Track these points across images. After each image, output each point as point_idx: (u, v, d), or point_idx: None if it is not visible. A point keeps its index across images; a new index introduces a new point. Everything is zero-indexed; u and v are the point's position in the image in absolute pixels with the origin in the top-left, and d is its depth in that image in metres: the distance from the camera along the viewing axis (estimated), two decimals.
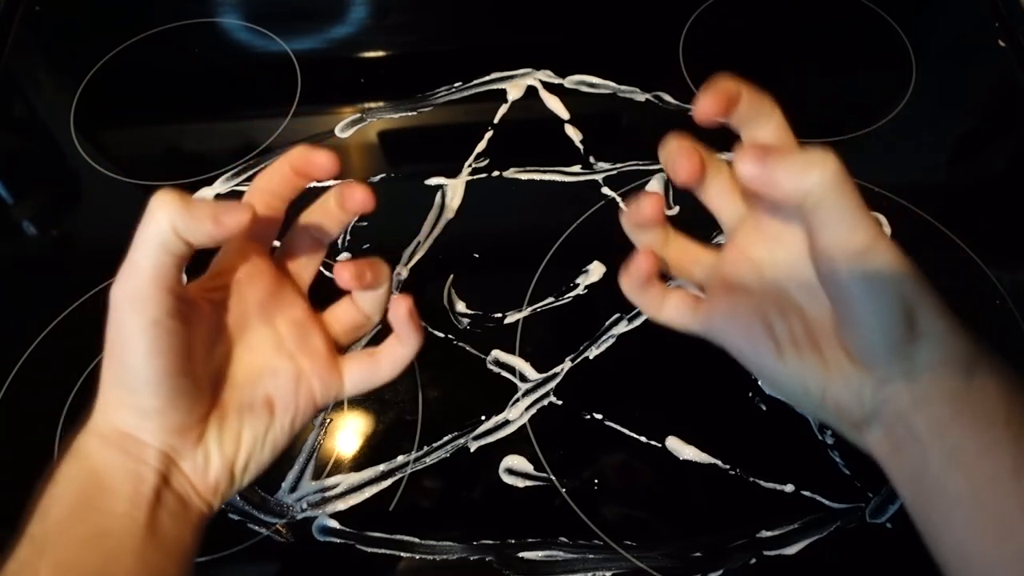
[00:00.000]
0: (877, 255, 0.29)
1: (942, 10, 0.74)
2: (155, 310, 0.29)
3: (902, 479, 0.32)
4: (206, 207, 0.29)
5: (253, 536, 0.48)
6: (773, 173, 0.28)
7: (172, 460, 0.32)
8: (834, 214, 0.28)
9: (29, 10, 0.74)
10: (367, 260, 0.35)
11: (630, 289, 0.37)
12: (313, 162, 0.34)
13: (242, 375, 0.35)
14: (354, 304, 0.37)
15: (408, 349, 0.37)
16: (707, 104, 0.32)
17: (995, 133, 0.66)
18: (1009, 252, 0.58)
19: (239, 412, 0.34)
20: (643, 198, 0.35)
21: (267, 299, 0.35)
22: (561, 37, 0.73)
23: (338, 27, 0.73)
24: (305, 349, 0.36)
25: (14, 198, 0.66)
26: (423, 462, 0.51)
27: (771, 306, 0.34)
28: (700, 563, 0.47)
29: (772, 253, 0.34)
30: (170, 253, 0.29)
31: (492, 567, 0.47)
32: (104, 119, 0.69)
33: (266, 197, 0.35)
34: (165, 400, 0.31)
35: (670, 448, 0.50)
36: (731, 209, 0.36)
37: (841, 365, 0.32)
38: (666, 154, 0.34)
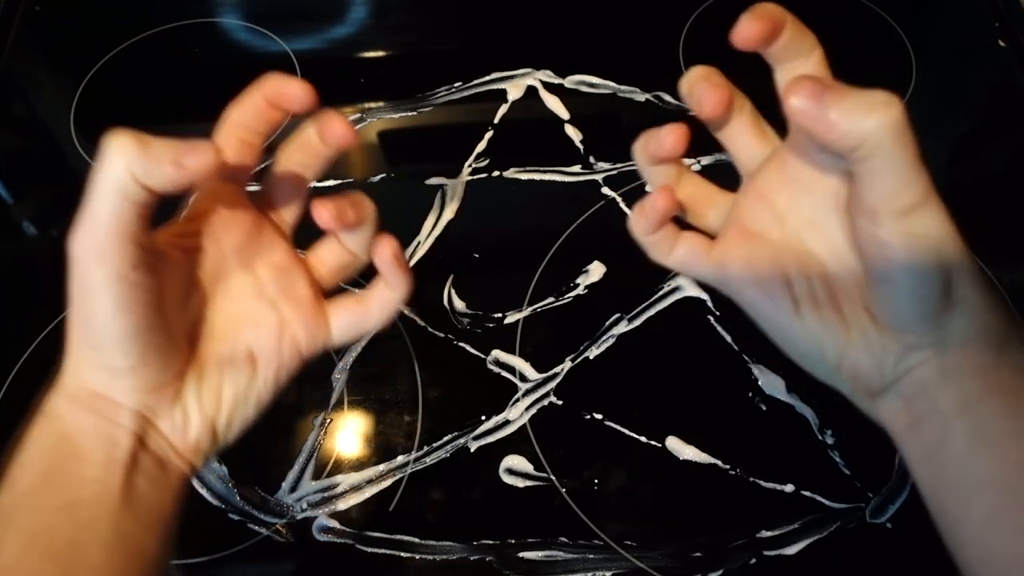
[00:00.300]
0: (925, 215, 0.26)
1: (942, 10, 0.74)
2: (119, 263, 0.27)
3: (918, 457, 0.29)
4: (166, 148, 0.27)
5: (253, 536, 0.48)
6: (829, 111, 0.26)
7: (148, 420, 0.30)
8: (889, 166, 0.26)
9: (29, 10, 0.74)
10: (348, 196, 0.33)
11: (641, 229, 0.34)
12: (288, 93, 0.31)
13: (221, 326, 0.32)
14: (339, 243, 0.35)
15: (397, 293, 0.34)
16: (749, 27, 0.29)
17: (995, 133, 0.66)
18: (1009, 252, 0.58)
19: (219, 366, 0.32)
20: (668, 129, 0.32)
21: (245, 243, 0.33)
22: (561, 37, 0.73)
23: (338, 27, 0.73)
24: (288, 295, 0.34)
25: (14, 198, 0.66)
26: (423, 462, 0.51)
27: (790, 258, 0.31)
28: (700, 563, 0.47)
29: (796, 200, 0.31)
30: (130, 201, 0.27)
31: (492, 567, 0.47)
32: (104, 119, 0.69)
33: (239, 132, 0.32)
34: (137, 357, 0.28)
35: (670, 448, 0.50)
36: (753, 150, 0.33)
37: (863, 328, 0.29)
38: (690, 84, 0.32)
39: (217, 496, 0.49)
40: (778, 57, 0.31)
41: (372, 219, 0.33)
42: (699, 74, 0.32)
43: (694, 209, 0.35)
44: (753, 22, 0.29)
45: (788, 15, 0.30)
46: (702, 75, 0.32)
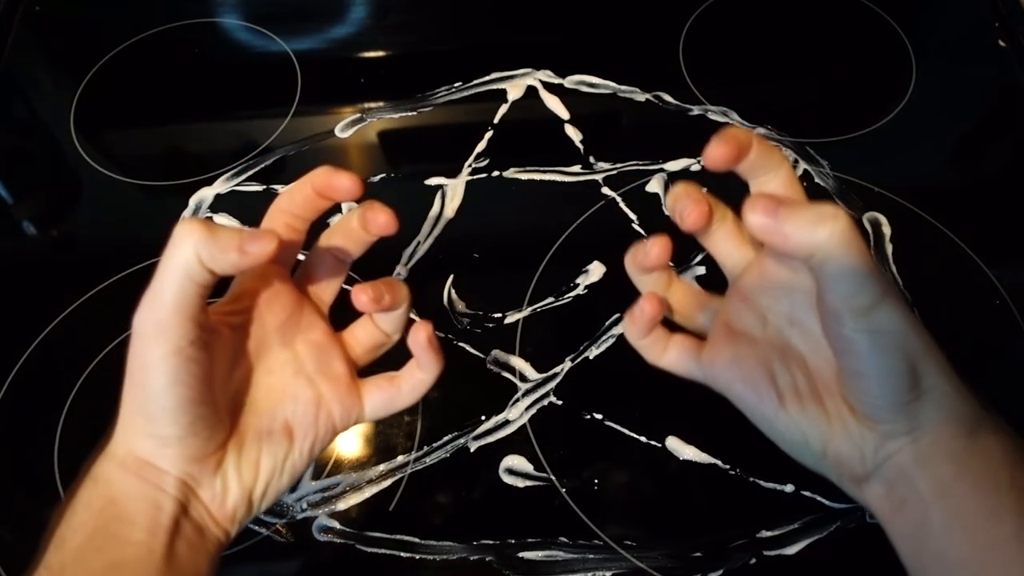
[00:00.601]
0: (884, 313, 0.28)
1: (942, 10, 0.74)
2: (178, 339, 0.29)
3: (901, 537, 0.32)
4: (232, 236, 0.29)
5: (253, 536, 0.48)
6: (783, 226, 0.28)
7: (190, 488, 0.32)
8: (842, 271, 0.28)
9: (29, 10, 0.74)
10: (385, 281, 0.35)
11: (634, 334, 0.36)
12: (336, 185, 0.33)
13: (261, 400, 0.34)
14: (373, 323, 0.37)
15: (429, 375, 0.37)
16: (717, 151, 0.31)
17: (995, 133, 0.66)
18: (1009, 252, 0.58)
19: (258, 439, 0.33)
20: (650, 241, 0.35)
21: (287, 322, 0.35)
22: (561, 37, 0.73)
23: (338, 27, 0.73)
24: (325, 373, 0.36)
25: (14, 198, 0.66)
26: (423, 462, 0.51)
27: (774, 355, 0.34)
28: (700, 563, 0.47)
29: (776, 301, 0.34)
30: (194, 282, 0.29)
31: (492, 567, 0.47)
32: (104, 119, 0.69)
33: (286, 218, 0.34)
34: (185, 428, 0.30)
35: (670, 448, 0.50)
36: (735, 256, 0.36)
37: (844, 418, 0.32)
38: (673, 199, 0.34)
39: None
40: (748, 173, 0.33)
41: (407, 302, 0.36)
42: (681, 191, 0.34)
43: (684, 312, 0.38)
44: (720, 145, 0.32)
45: (754, 136, 0.32)
46: (683, 192, 0.34)
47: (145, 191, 0.64)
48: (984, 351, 0.54)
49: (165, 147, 0.67)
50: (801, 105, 0.68)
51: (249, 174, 0.64)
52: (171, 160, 0.66)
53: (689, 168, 0.62)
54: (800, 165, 0.62)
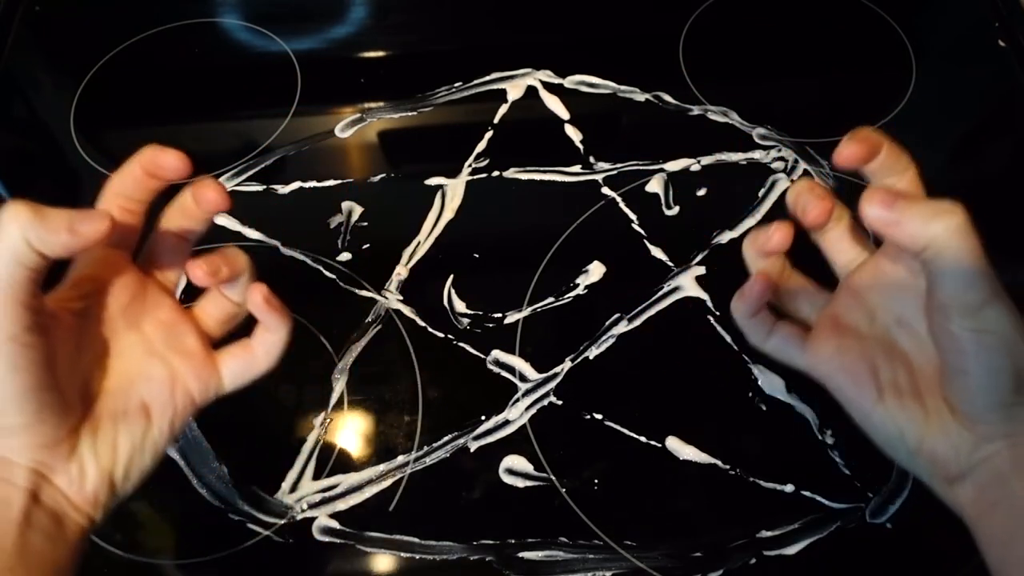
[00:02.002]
0: (993, 312, 0.29)
1: (942, 10, 0.74)
2: (12, 326, 0.28)
3: (991, 542, 0.32)
4: (61, 217, 0.28)
5: (253, 536, 0.48)
6: (899, 218, 0.29)
7: (43, 476, 0.31)
8: (954, 267, 0.29)
9: (29, 10, 0.74)
10: (220, 252, 0.35)
11: (741, 313, 0.37)
12: (162, 163, 0.33)
13: (113, 383, 0.34)
14: (222, 295, 0.37)
15: (278, 334, 0.36)
16: (849, 151, 0.33)
17: (995, 133, 0.66)
18: (1009, 252, 0.58)
19: (113, 420, 0.33)
20: (775, 227, 0.35)
21: (131, 303, 0.35)
22: (561, 37, 0.73)
23: (338, 27, 0.73)
24: (177, 349, 0.36)
25: (14, 198, 0.66)
26: (423, 462, 0.51)
27: (878, 350, 0.34)
28: (700, 563, 0.47)
29: (888, 300, 0.35)
30: (24, 267, 0.28)
31: (492, 567, 0.47)
32: (104, 119, 0.69)
33: (120, 201, 0.34)
34: (30, 415, 0.30)
35: (670, 448, 0.50)
36: (849, 255, 0.37)
37: (942, 417, 0.32)
38: (796, 195, 0.35)
39: (217, 496, 0.49)
40: (876, 174, 0.34)
41: (248, 270, 0.36)
42: (804, 186, 0.35)
43: (790, 301, 0.38)
44: (853, 145, 0.33)
45: (885, 139, 0.33)
46: (807, 187, 0.35)
47: None
48: None
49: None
50: (801, 105, 0.68)
51: (249, 174, 0.64)
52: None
53: (689, 168, 0.62)
54: (800, 165, 0.62)
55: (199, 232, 0.36)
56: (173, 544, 0.48)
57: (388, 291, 0.57)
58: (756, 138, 0.64)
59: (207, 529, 0.48)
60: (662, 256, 0.58)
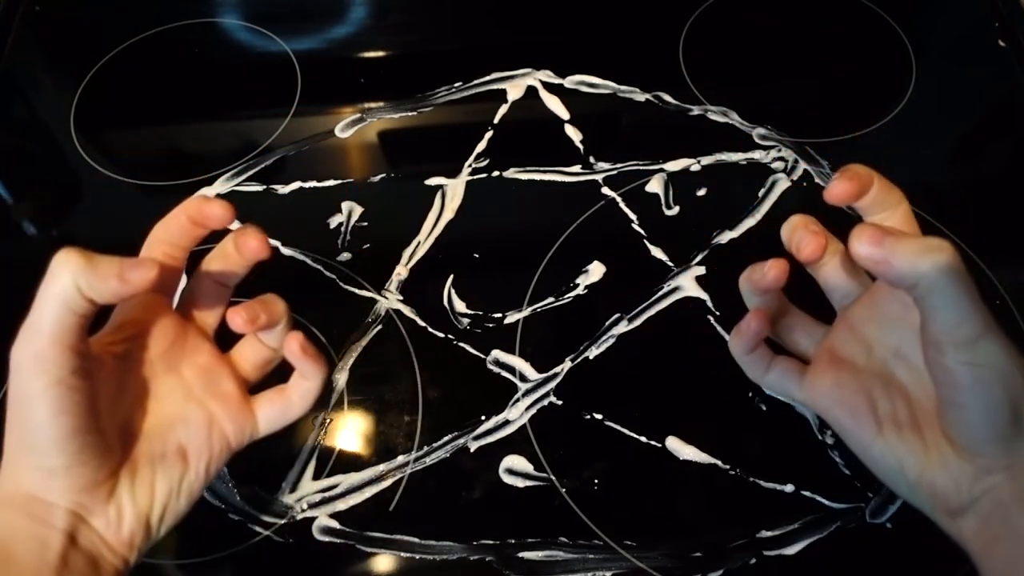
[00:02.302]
0: (987, 346, 0.29)
1: (942, 10, 0.74)
2: (58, 370, 0.29)
3: (993, 573, 0.32)
4: (111, 264, 0.29)
5: (253, 536, 0.48)
6: (888, 255, 0.29)
7: (81, 518, 0.31)
8: (945, 302, 0.28)
9: (29, 10, 0.74)
10: (260, 300, 0.36)
11: (739, 350, 0.37)
12: (208, 213, 0.34)
13: (152, 426, 0.34)
14: (258, 340, 0.38)
15: (314, 381, 0.38)
16: (841, 187, 0.32)
17: (995, 133, 0.66)
18: (1009, 252, 0.58)
19: (151, 463, 0.34)
20: (771, 265, 0.35)
21: (171, 348, 0.35)
22: (561, 37, 0.73)
23: (338, 27, 0.73)
24: (214, 394, 0.36)
25: (14, 198, 0.66)
26: (423, 462, 0.51)
27: (876, 383, 0.34)
28: (700, 563, 0.47)
29: (885, 333, 0.35)
30: (73, 312, 0.29)
31: (492, 567, 0.47)
32: (104, 119, 0.69)
33: (164, 248, 0.34)
34: (71, 458, 0.30)
35: (670, 448, 0.50)
36: (845, 288, 0.37)
37: (941, 450, 0.32)
38: (790, 231, 0.35)
39: (217, 496, 0.49)
40: (867, 209, 0.34)
41: (285, 316, 0.37)
42: (798, 223, 0.35)
43: (787, 335, 0.39)
44: (844, 182, 0.33)
45: (875, 174, 0.33)
46: (801, 224, 0.35)
47: (145, 191, 0.64)
48: None
49: (165, 147, 0.67)
50: (801, 105, 0.68)
51: (249, 174, 0.64)
52: (171, 160, 0.66)
53: (689, 168, 0.62)
54: (800, 165, 0.62)
55: (239, 278, 0.37)
56: (173, 544, 0.48)
57: (388, 291, 0.57)
58: (756, 138, 0.64)
59: (207, 529, 0.48)
60: (662, 256, 0.58)
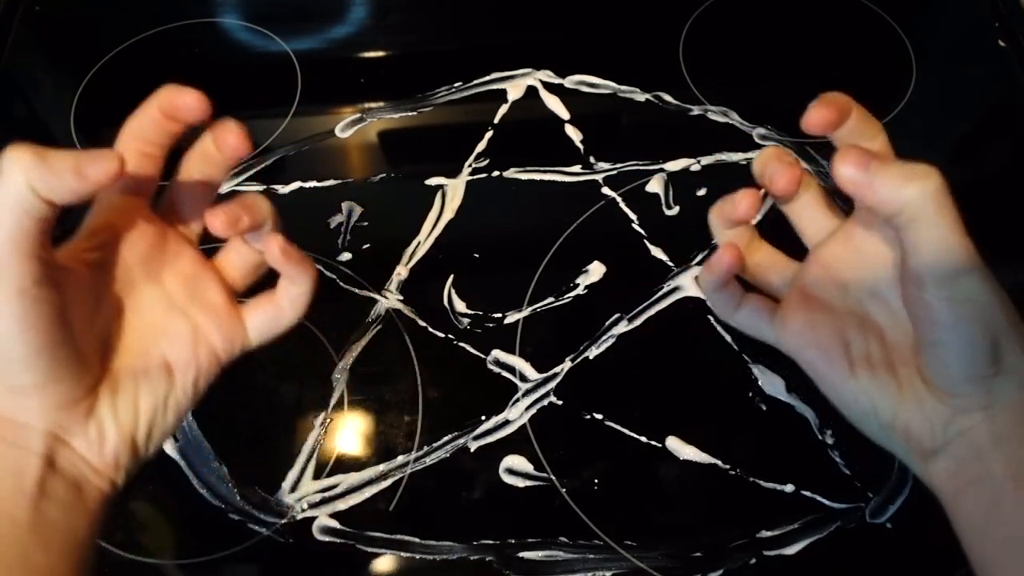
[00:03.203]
0: (969, 281, 0.28)
1: (942, 10, 0.74)
2: (20, 279, 0.26)
3: (967, 520, 0.30)
4: (67, 159, 0.26)
5: (253, 536, 0.48)
6: (872, 179, 0.28)
7: (60, 439, 0.29)
8: (928, 232, 0.28)
9: (29, 10, 0.74)
10: (240, 200, 0.33)
11: (709, 285, 0.36)
12: (180, 103, 0.32)
13: (133, 339, 0.32)
14: (245, 244, 0.35)
15: (302, 286, 0.34)
16: (819, 115, 0.31)
17: (995, 133, 0.66)
18: (1009, 252, 0.58)
19: (133, 378, 0.31)
20: (741, 194, 0.34)
21: (150, 254, 0.33)
22: (561, 37, 0.73)
23: (338, 27, 0.73)
24: (199, 303, 0.33)
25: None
26: (423, 462, 0.51)
27: (850, 323, 0.33)
28: (700, 563, 0.47)
29: (859, 271, 0.33)
30: (30, 216, 0.26)
31: (492, 567, 0.47)
32: (104, 119, 0.69)
33: (138, 144, 0.32)
34: (44, 374, 0.28)
35: (670, 448, 0.50)
36: (817, 224, 0.36)
37: (916, 390, 0.31)
38: (762, 164, 0.34)
39: (217, 496, 0.49)
40: (844, 140, 0.33)
41: (270, 218, 0.34)
42: (771, 154, 0.34)
43: (759, 272, 0.37)
44: (821, 109, 0.32)
45: (853, 103, 0.32)
46: (774, 155, 0.34)
47: None
48: None
49: None
50: (801, 105, 0.68)
51: (249, 174, 0.64)
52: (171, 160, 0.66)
53: (689, 168, 0.62)
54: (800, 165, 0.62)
55: (222, 178, 0.35)
56: (173, 544, 0.48)
57: (388, 291, 0.57)
58: (756, 138, 0.64)
59: (207, 529, 0.48)
60: (662, 256, 0.58)
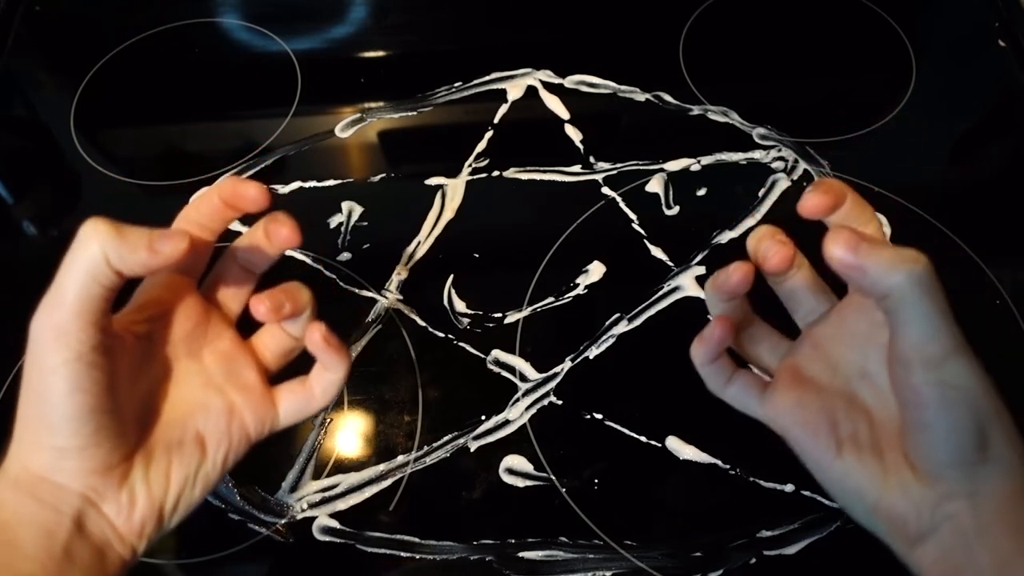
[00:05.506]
0: (956, 366, 0.28)
1: (942, 10, 0.74)
2: (79, 344, 0.28)
3: None
4: (141, 235, 0.28)
5: (253, 536, 0.48)
6: (862, 262, 0.28)
7: (91, 503, 0.30)
8: (916, 316, 0.28)
9: (29, 10, 0.74)
10: (284, 288, 0.34)
11: (700, 357, 0.36)
12: (242, 195, 0.33)
13: (170, 412, 0.33)
14: (281, 329, 0.36)
15: (336, 374, 0.36)
16: (814, 200, 0.32)
17: (995, 133, 0.66)
18: (1009, 252, 0.58)
19: (167, 450, 0.32)
20: (734, 267, 0.34)
21: (193, 332, 0.34)
22: (561, 37, 0.73)
23: (338, 27, 0.73)
24: (235, 382, 0.35)
25: (14, 198, 0.66)
26: (423, 462, 0.51)
27: (839, 404, 0.33)
28: (700, 563, 0.47)
29: (850, 352, 0.34)
30: (99, 284, 0.28)
31: (492, 567, 0.47)
32: (104, 119, 0.69)
33: (194, 229, 0.33)
34: (86, 438, 0.29)
35: (670, 448, 0.50)
36: (809, 304, 0.36)
37: (902, 474, 0.31)
38: (756, 241, 0.34)
39: (217, 496, 0.49)
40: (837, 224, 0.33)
41: (310, 306, 0.35)
42: (765, 233, 0.34)
43: (750, 347, 0.38)
44: (816, 195, 0.32)
45: (849, 189, 0.32)
46: (767, 234, 0.34)
47: (145, 191, 0.64)
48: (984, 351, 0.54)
49: (165, 147, 0.67)
50: (801, 105, 0.68)
51: (249, 174, 0.64)
52: (171, 160, 0.66)
53: (689, 168, 0.62)
54: (800, 165, 0.62)
55: (267, 265, 0.36)
56: (173, 544, 0.48)
57: (388, 291, 0.57)
58: (756, 138, 0.64)
59: (207, 529, 0.48)
60: (662, 256, 0.58)
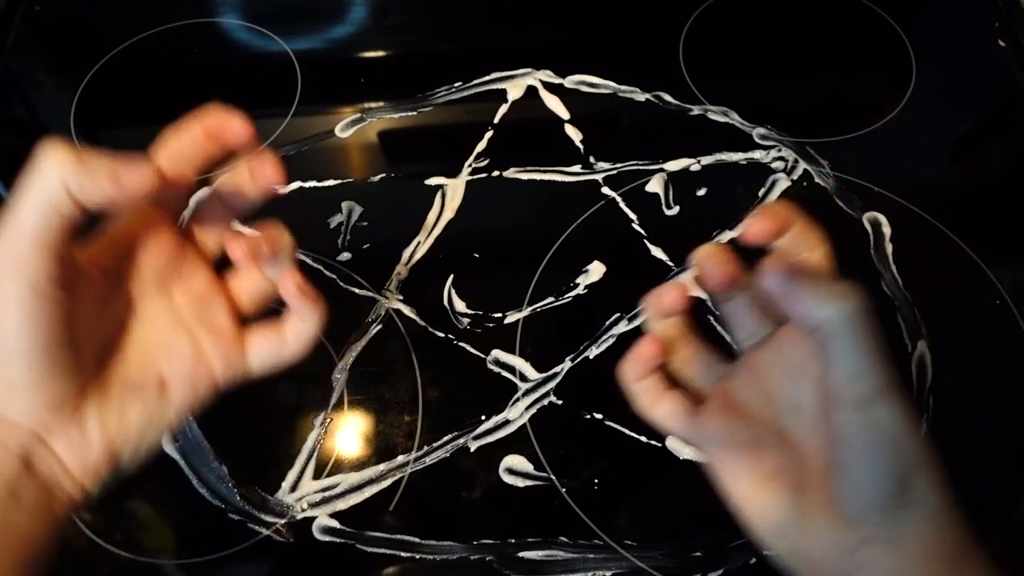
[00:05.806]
0: (883, 408, 0.27)
1: (942, 10, 0.74)
2: (36, 275, 0.26)
3: None
4: (104, 164, 0.26)
5: (253, 536, 0.48)
6: (795, 292, 0.28)
7: (41, 440, 0.29)
8: (845, 353, 0.27)
9: (29, 10, 0.74)
10: (265, 230, 0.33)
11: (628, 376, 0.35)
12: (227, 126, 0.31)
13: (132, 350, 0.32)
14: (260, 272, 0.35)
15: (310, 323, 0.34)
16: (759, 226, 0.31)
17: (995, 133, 0.66)
18: (1009, 252, 0.58)
19: (125, 389, 0.31)
20: (667, 288, 0.34)
21: (165, 268, 0.32)
22: (561, 37, 0.73)
23: (338, 27, 0.73)
24: (206, 323, 0.33)
25: None
26: (423, 462, 0.51)
27: (767, 436, 0.32)
28: (700, 563, 0.47)
29: (784, 381, 0.33)
30: (59, 214, 0.26)
31: (492, 567, 0.47)
32: (104, 119, 0.69)
33: (174, 161, 0.32)
34: (40, 372, 0.28)
35: (670, 448, 0.50)
36: (748, 328, 0.35)
37: (825, 514, 0.30)
38: (700, 259, 0.33)
39: (217, 496, 0.49)
40: (783, 250, 0.32)
41: (289, 250, 0.34)
42: (709, 251, 0.33)
43: (685, 367, 0.36)
44: (762, 221, 0.31)
45: (797, 215, 0.32)
46: (711, 252, 0.33)
47: None
48: (984, 351, 0.54)
49: None
50: (801, 105, 0.68)
51: None
52: None
53: (689, 168, 0.62)
54: (800, 165, 0.62)
55: (249, 207, 0.34)
56: (173, 544, 0.48)
57: (388, 291, 0.57)
58: (756, 138, 0.64)
59: (207, 529, 0.48)
60: (662, 256, 0.58)
